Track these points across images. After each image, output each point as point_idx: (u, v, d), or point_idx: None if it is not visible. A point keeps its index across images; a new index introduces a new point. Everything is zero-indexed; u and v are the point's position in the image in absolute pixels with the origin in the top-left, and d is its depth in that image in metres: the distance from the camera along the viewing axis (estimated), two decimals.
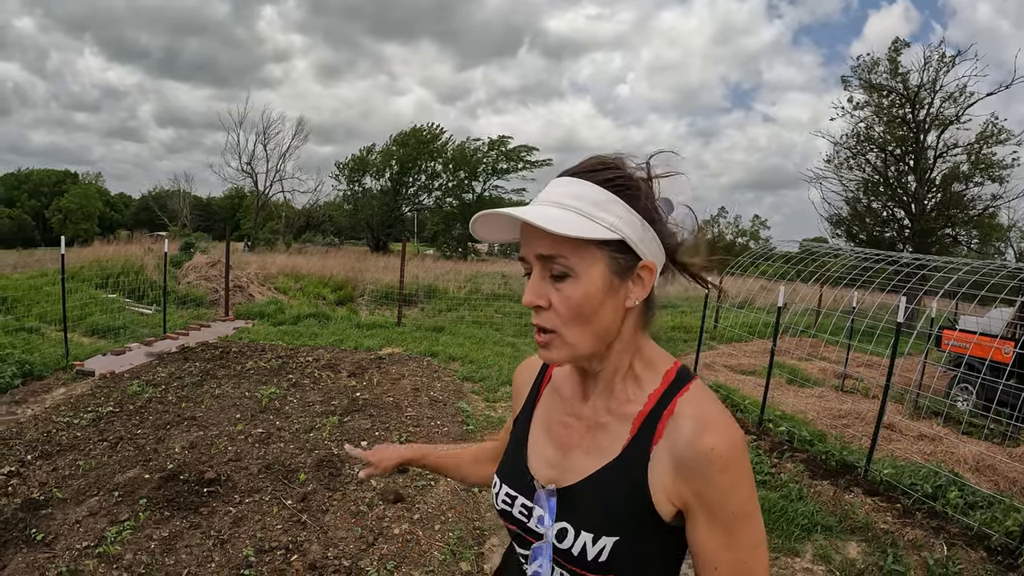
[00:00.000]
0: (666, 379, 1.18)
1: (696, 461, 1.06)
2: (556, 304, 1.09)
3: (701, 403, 1.12)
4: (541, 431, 1.31)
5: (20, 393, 7.73)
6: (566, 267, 1.07)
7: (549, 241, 1.07)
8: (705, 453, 1.05)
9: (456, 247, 51.32)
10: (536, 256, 1.09)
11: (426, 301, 19.36)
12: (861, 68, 25.50)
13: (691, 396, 1.14)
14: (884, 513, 5.56)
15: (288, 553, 4.37)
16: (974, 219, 25.30)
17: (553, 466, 1.23)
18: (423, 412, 7.71)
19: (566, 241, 1.06)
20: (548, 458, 1.25)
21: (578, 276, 1.08)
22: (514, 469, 1.30)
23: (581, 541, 1.11)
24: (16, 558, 4.12)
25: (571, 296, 1.08)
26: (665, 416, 1.12)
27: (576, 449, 1.21)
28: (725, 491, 1.06)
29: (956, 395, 9.82)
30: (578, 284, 1.08)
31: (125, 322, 12.63)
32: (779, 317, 8.35)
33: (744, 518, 1.07)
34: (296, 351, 10.80)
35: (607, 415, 1.19)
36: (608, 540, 1.09)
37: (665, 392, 1.15)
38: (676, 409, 1.12)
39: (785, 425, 7.54)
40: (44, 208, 75.85)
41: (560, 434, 1.26)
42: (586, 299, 1.08)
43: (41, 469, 5.52)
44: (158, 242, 21.31)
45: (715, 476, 1.05)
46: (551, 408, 1.32)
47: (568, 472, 1.20)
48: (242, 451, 6.11)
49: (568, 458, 1.21)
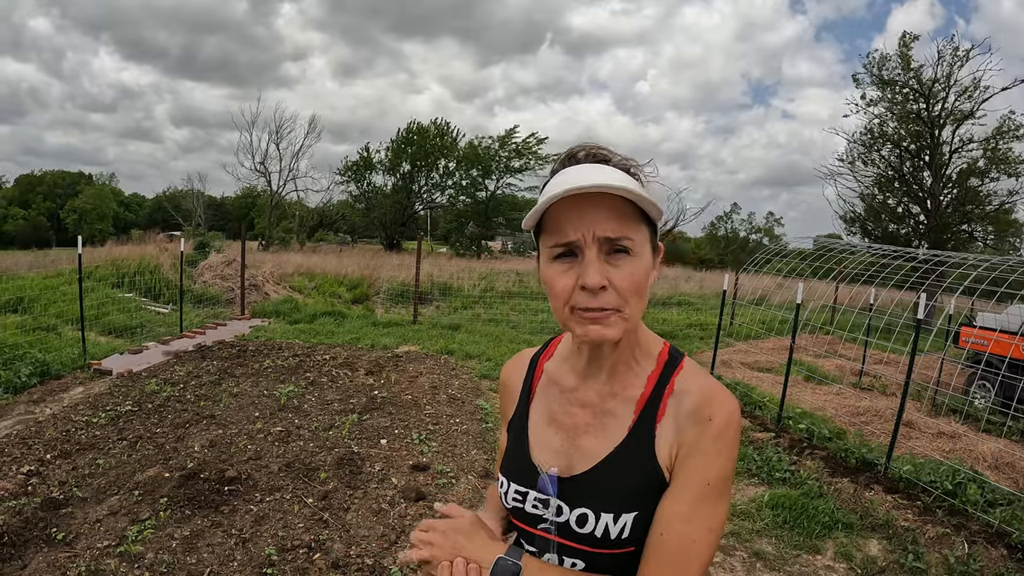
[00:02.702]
0: (660, 360, 1.25)
1: (694, 426, 1.15)
2: (617, 282, 1.09)
3: (698, 379, 1.22)
4: (544, 423, 1.32)
5: (38, 392, 7.79)
6: (629, 246, 1.10)
7: (616, 221, 1.08)
8: (703, 420, 1.14)
9: (469, 245, 51.28)
10: (595, 237, 1.08)
11: (441, 299, 19.38)
12: (872, 64, 25.37)
13: (687, 373, 1.23)
14: (904, 510, 5.52)
15: (310, 551, 4.38)
16: (990, 215, 25.05)
17: (562, 454, 1.25)
18: (442, 410, 7.71)
19: (631, 220, 1.10)
20: (555, 447, 1.27)
21: (638, 254, 1.11)
22: (519, 465, 1.31)
23: (603, 522, 1.15)
24: (37, 557, 4.14)
25: (633, 273, 1.10)
26: (666, 396, 1.20)
27: (585, 435, 1.24)
28: (710, 457, 1.13)
29: (975, 392, 9.76)
30: (639, 262, 1.11)
31: (142, 321, 12.73)
32: (798, 314, 8.31)
33: (713, 494, 1.12)
34: (313, 349, 10.83)
35: (612, 400, 1.24)
36: (628, 516, 1.14)
37: (662, 374, 1.23)
38: (675, 387, 1.20)
39: (804, 422, 7.50)
40: (59, 209, 76.37)
41: (566, 423, 1.28)
42: (645, 275, 1.12)
43: (61, 468, 5.55)
44: (173, 242, 21.39)
45: (706, 440, 1.13)
46: (551, 400, 1.34)
47: (580, 458, 1.23)
48: (262, 449, 6.13)
49: (578, 445, 1.24)
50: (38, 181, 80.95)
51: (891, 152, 25.89)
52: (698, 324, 17.14)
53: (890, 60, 24.78)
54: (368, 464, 5.93)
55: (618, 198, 1.07)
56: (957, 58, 23.31)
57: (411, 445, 6.53)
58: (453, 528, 1.24)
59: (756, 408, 8.44)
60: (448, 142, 53.58)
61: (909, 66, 24.17)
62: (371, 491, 5.39)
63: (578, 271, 1.10)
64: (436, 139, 53.08)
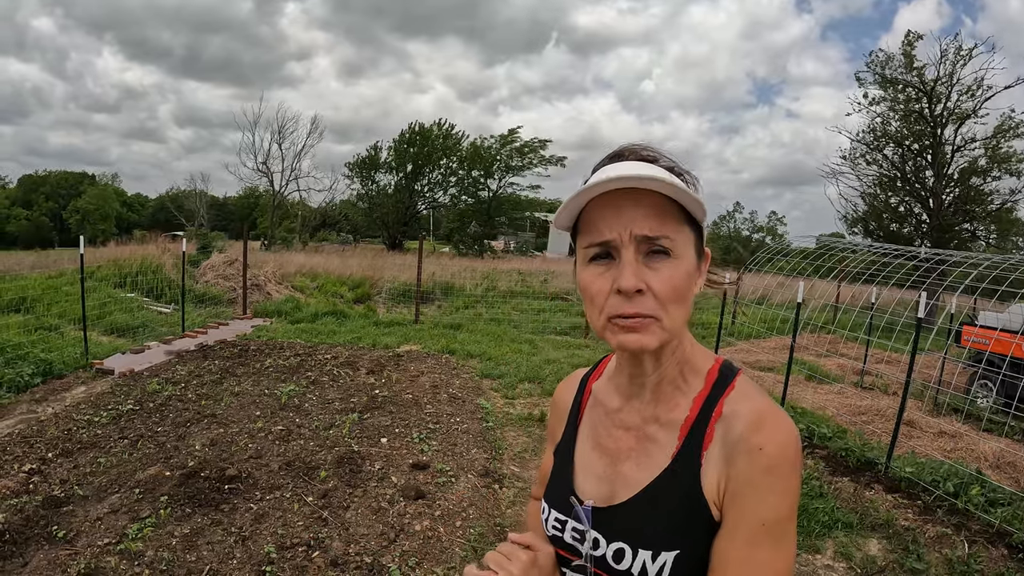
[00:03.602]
0: (709, 379, 1.13)
1: (743, 456, 1.02)
2: (656, 286, 1.01)
3: (748, 400, 1.08)
4: (589, 447, 1.24)
5: (40, 392, 7.80)
6: (669, 247, 1.01)
7: (656, 220, 1.00)
8: (753, 450, 1.01)
9: (472, 244, 51.26)
10: (633, 236, 1.01)
11: (443, 299, 19.36)
12: (874, 63, 25.35)
13: (737, 394, 1.09)
14: (905, 510, 5.52)
15: (309, 550, 4.39)
16: (992, 214, 25.05)
17: (604, 480, 1.17)
18: (442, 409, 7.72)
19: (672, 220, 1.02)
20: (599, 474, 1.18)
21: (680, 256, 1.03)
22: (561, 492, 1.22)
23: (640, 560, 1.05)
24: (38, 555, 4.15)
25: (673, 276, 1.02)
26: (713, 420, 1.07)
27: (627, 462, 1.15)
28: (762, 494, 0.99)
29: (976, 392, 9.75)
30: (680, 264, 1.03)
31: (144, 321, 12.73)
32: (799, 313, 8.31)
33: (773, 535, 0.99)
34: (314, 349, 10.84)
35: (654, 424, 1.14)
36: (668, 555, 1.03)
37: (710, 395, 1.10)
38: (724, 411, 1.08)
39: (805, 421, 7.50)
40: (62, 209, 76.49)
41: (610, 447, 1.19)
42: (687, 280, 1.04)
43: (62, 467, 5.56)
44: (175, 242, 21.40)
45: (757, 475, 1.00)
46: (597, 423, 1.25)
47: (620, 486, 1.14)
48: (263, 448, 6.14)
49: (620, 471, 1.15)
50: (41, 181, 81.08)
51: (893, 151, 25.88)
52: (700, 323, 17.12)
53: (893, 59, 24.78)
54: (368, 463, 5.94)
55: (659, 195, 1.00)
56: (960, 57, 23.30)
57: (411, 444, 6.53)
58: (532, 564, 1.15)
59: None
60: (451, 143, 53.58)
61: (912, 65, 24.15)
62: (371, 490, 5.39)
63: (614, 274, 1.02)
64: (438, 139, 53.09)
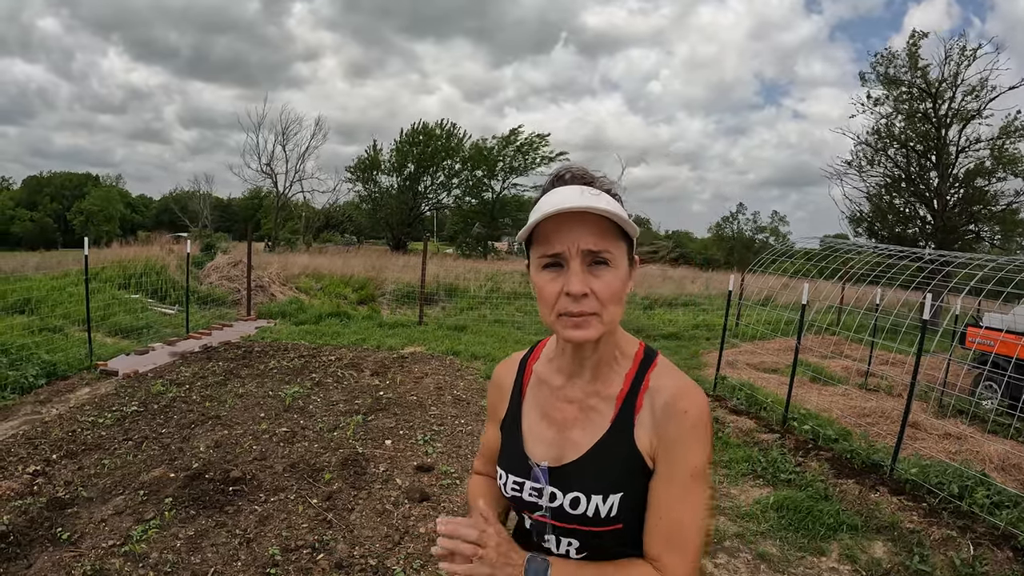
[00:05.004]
0: (636, 359, 1.42)
1: (671, 420, 1.30)
2: (598, 290, 1.24)
3: (670, 376, 1.38)
4: (536, 418, 1.48)
5: (44, 393, 7.81)
6: (608, 259, 1.25)
7: (597, 237, 1.23)
8: (679, 414, 1.30)
9: (475, 246, 51.22)
10: (580, 250, 1.23)
11: (447, 300, 19.38)
12: (879, 63, 25.28)
13: (660, 371, 1.39)
14: (910, 512, 5.50)
15: (314, 552, 4.39)
16: (997, 215, 24.96)
17: (553, 445, 1.42)
18: (447, 411, 7.72)
19: (610, 236, 1.25)
20: (548, 439, 1.43)
21: (617, 266, 1.27)
22: (514, 458, 1.47)
23: (593, 503, 1.32)
24: (42, 557, 4.16)
25: (612, 283, 1.26)
26: (642, 392, 1.36)
27: (573, 428, 1.41)
28: (689, 446, 1.30)
29: (981, 393, 9.71)
30: (617, 273, 1.27)
31: (148, 322, 12.75)
32: (803, 314, 8.29)
33: (698, 479, 1.30)
34: (319, 350, 10.85)
35: (595, 397, 1.40)
36: (614, 497, 1.31)
37: (638, 372, 1.39)
38: (650, 384, 1.37)
39: (810, 424, 7.48)
40: (66, 211, 76.55)
41: (556, 418, 1.44)
42: (622, 285, 1.28)
43: (66, 468, 5.57)
44: (179, 243, 21.42)
45: (685, 432, 1.29)
46: (542, 398, 1.49)
47: (570, 448, 1.39)
48: (267, 450, 6.14)
49: (567, 437, 1.41)
50: (45, 182, 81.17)
51: (898, 152, 25.80)
52: (704, 324, 17.12)
53: (897, 59, 24.71)
54: (372, 465, 5.94)
55: (600, 216, 1.22)
56: (964, 57, 23.23)
57: (416, 446, 6.53)
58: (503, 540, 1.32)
59: (761, 409, 8.42)
60: (454, 143, 53.51)
61: (916, 65, 24.08)
62: (375, 492, 5.39)
63: (564, 280, 1.25)
64: (441, 140, 53.03)
